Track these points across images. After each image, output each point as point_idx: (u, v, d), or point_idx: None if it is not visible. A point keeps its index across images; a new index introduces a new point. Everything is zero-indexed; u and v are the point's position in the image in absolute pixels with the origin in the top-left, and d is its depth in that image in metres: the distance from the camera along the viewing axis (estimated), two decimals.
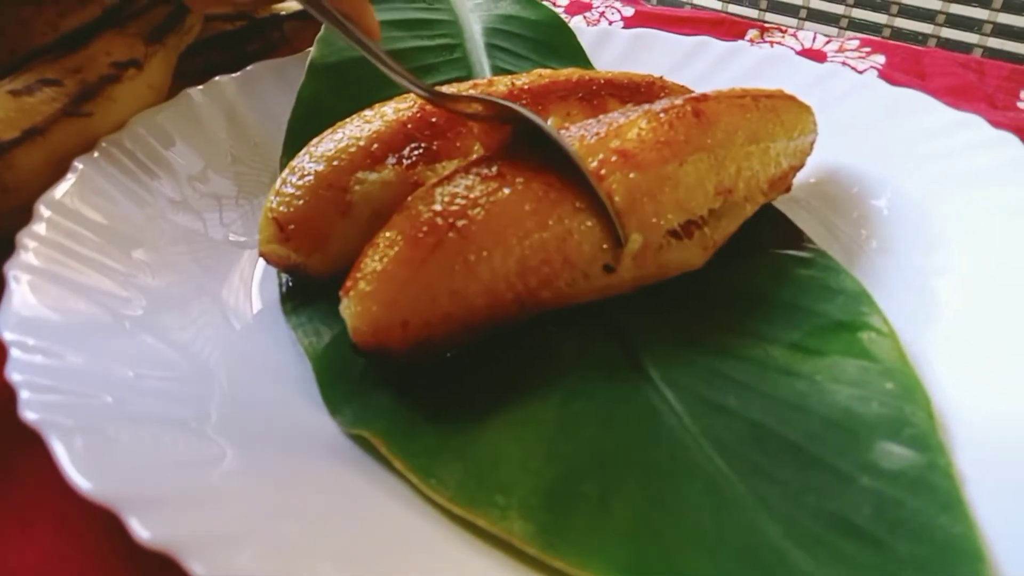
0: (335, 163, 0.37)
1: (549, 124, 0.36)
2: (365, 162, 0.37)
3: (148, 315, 0.35)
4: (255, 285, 0.39)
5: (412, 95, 0.41)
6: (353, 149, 0.37)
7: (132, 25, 0.45)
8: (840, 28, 1.54)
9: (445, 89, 0.40)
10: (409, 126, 0.39)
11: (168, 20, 0.47)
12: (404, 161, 0.37)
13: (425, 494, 0.28)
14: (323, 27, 0.50)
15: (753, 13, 1.59)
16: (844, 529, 0.26)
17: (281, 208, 0.36)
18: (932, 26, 1.46)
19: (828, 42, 0.66)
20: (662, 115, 0.36)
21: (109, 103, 0.42)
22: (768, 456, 0.29)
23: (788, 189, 0.43)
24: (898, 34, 1.49)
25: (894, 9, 1.48)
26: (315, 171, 0.37)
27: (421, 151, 0.38)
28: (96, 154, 0.41)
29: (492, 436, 0.30)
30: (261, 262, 0.39)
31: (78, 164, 0.40)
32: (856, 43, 0.66)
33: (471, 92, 0.41)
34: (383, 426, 0.30)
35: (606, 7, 0.74)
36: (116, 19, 0.45)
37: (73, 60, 0.42)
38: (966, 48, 1.45)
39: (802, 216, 0.44)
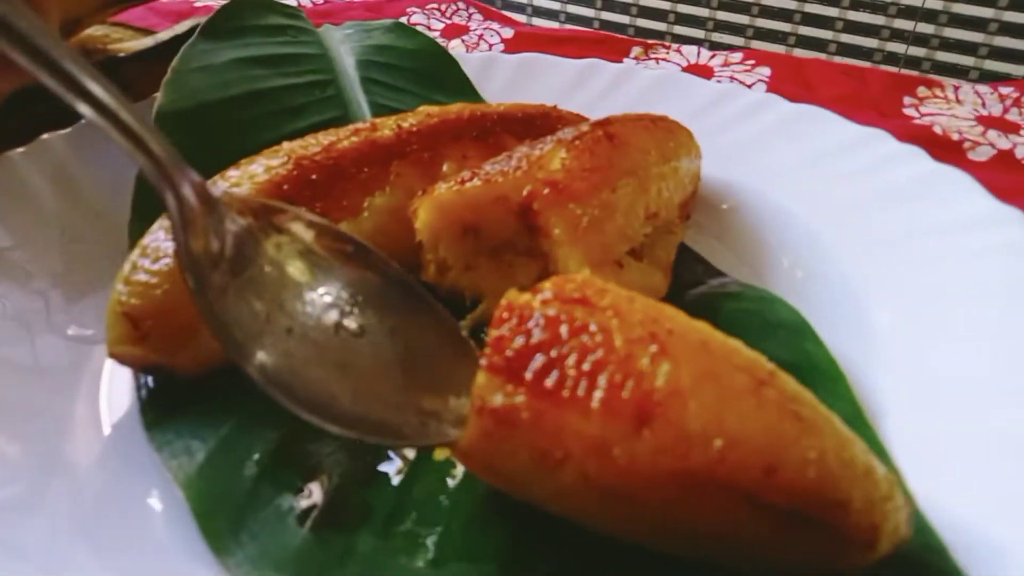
0: None
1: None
2: None
3: None
4: (105, 392, 0.32)
5: (284, 147, 0.36)
6: None
7: None
8: (795, 23, 1.50)
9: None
10: (285, 187, 0.33)
11: None
12: None
13: None
14: (170, 70, 0.43)
15: (704, 12, 1.56)
16: None
17: (133, 300, 0.30)
18: (934, 26, 1.43)
19: (713, 56, 0.65)
20: (577, 143, 0.35)
21: None
22: None
23: (688, 216, 0.42)
24: (898, 34, 1.46)
25: (892, 10, 1.44)
26: (173, 251, 0.30)
27: None
28: None
29: None
30: (110, 362, 0.32)
31: None
32: (740, 56, 0.65)
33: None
34: None
35: (484, 29, 0.70)
36: None
37: None
38: (968, 46, 1.42)
39: (716, 248, 0.42)
